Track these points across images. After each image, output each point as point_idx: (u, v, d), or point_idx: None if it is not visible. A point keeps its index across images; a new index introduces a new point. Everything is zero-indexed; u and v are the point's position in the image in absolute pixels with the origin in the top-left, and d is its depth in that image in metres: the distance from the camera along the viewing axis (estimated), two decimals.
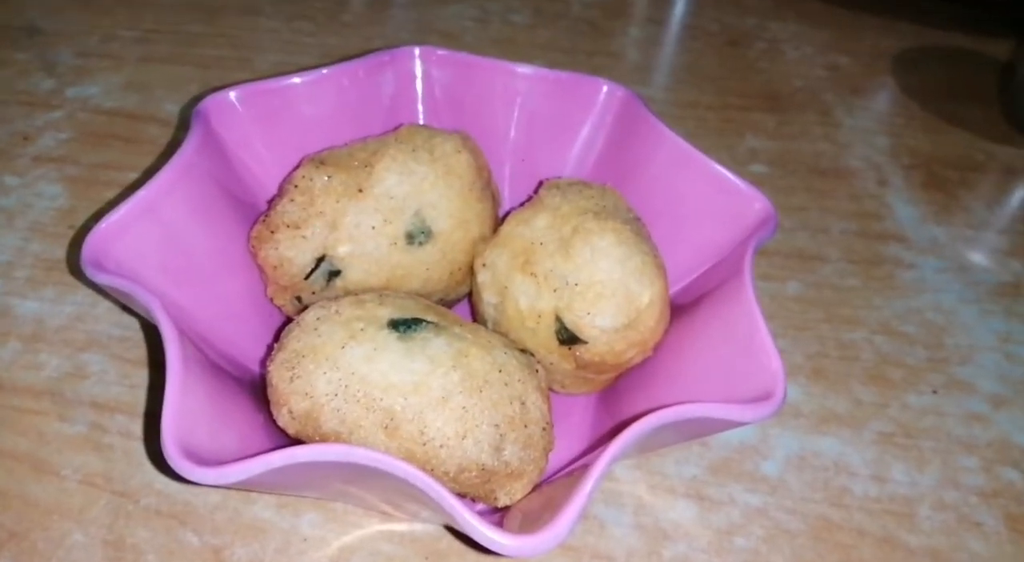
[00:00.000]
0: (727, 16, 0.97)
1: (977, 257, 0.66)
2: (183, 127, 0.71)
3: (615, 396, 0.47)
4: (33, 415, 0.48)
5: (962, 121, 0.82)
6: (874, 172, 0.74)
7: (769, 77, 0.86)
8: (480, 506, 0.41)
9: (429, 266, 0.47)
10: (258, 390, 0.43)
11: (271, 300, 0.47)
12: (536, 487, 0.40)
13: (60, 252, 0.59)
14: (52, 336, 0.53)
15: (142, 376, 0.51)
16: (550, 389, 0.45)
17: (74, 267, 0.57)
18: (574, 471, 0.40)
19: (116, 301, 0.52)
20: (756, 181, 0.69)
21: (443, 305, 0.51)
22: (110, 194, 0.64)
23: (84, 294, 0.56)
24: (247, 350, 0.46)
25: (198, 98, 0.74)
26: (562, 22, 0.93)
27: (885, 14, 1.00)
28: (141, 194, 0.41)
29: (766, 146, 0.76)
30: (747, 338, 0.38)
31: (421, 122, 0.55)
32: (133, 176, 0.66)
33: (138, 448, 0.47)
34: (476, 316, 0.50)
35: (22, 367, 0.51)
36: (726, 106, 0.81)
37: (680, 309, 0.46)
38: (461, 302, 0.53)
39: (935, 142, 0.79)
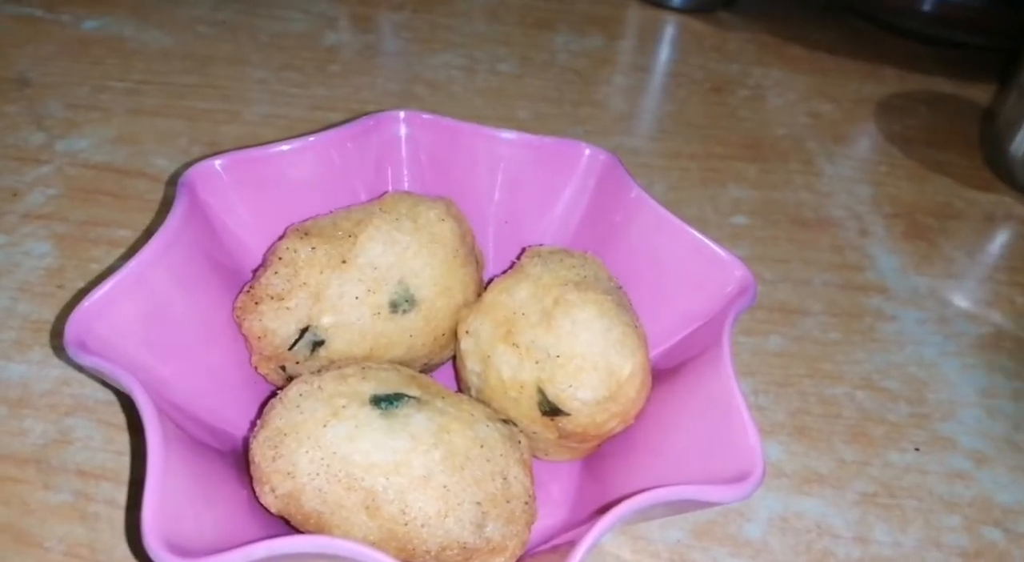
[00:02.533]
0: (711, 62, 0.98)
1: (958, 308, 0.66)
2: (171, 183, 0.72)
3: (598, 462, 0.48)
4: (16, 484, 0.48)
5: (944, 168, 0.83)
6: (856, 222, 0.75)
7: (752, 125, 0.87)
8: None
9: (413, 334, 0.47)
10: (242, 462, 0.43)
11: (255, 369, 0.47)
12: (519, 561, 0.41)
13: (48, 313, 0.59)
14: (38, 401, 0.53)
15: (127, 441, 0.51)
16: (533, 456, 0.46)
17: (58, 333, 0.57)
18: (558, 546, 0.40)
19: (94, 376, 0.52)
20: (738, 233, 0.71)
21: (427, 369, 0.51)
22: (98, 252, 0.64)
23: (65, 356, 0.56)
24: (232, 419, 0.46)
25: (187, 152, 0.75)
26: (549, 71, 0.94)
27: (868, 59, 1.01)
28: (126, 269, 0.41)
29: (748, 196, 0.76)
30: (725, 414, 0.38)
31: (406, 185, 0.56)
32: (122, 233, 0.66)
33: (122, 517, 0.47)
34: (460, 382, 0.50)
35: (7, 433, 0.51)
36: (709, 155, 0.81)
37: (661, 375, 0.47)
38: (445, 365, 0.53)
39: (917, 190, 0.80)
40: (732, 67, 0.98)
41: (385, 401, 0.40)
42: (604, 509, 0.34)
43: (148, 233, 0.66)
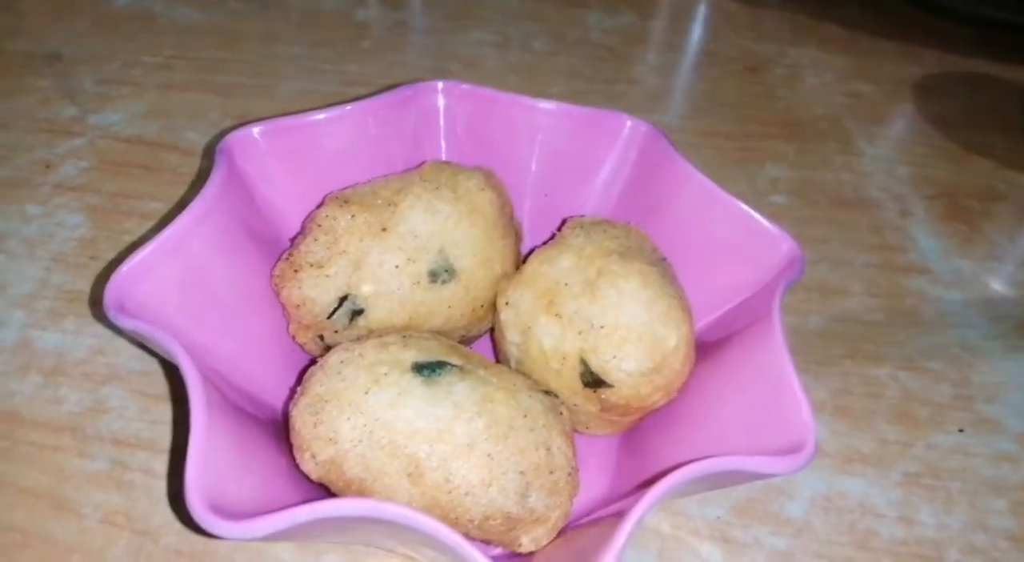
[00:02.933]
0: (745, 41, 0.97)
1: (1001, 290, 0.65)
2: (205, 156, 0.71)
3: (639, 437, 0.47)
4: (53, 451, 0.48)
5: (984, 150, 0.81)
6: (896, 203, 0.73)
7: (789, 104, 0.86)
8: (499, 550, 0.41)
9: (452, 304, 0.47)
10: (280, 431, 0.43)
11: (293, 338, 0.47)
12: (560, 532, 0.40)
13: (81, 283, 0.59)
14: (72, 370, 0.53)
15: (162, 411, 0.51)
16: (573, 430, 0.45)
17: (95, 301, 0.57)
18: (600, 519, 0.40)
19: (134, 339, 0.52)
20: (777, 212, 0.70)
21: (464, 341, 0.51)
22: (131, 224, 0.64)
23: (105, 326, 0.56)
24: (269, 388, 0.45)
25: (219, 126, 0.74)
26: (582, 48, 0.93)
27: (905, 40, 0.99)
28: (166, 234, 0.41)
29: (786, 176, 0.75)
30: (776, 386, 0.38)
31: (443, 156, 0.55)
32: (154, 206, 0.66)
33: (158, 486, 0.47)
34: (498, 353, 0.49)
35: (43, 401, 0.51)
36: (746, 135, 0.80)
37: (705, 348, 0.46)
38: (482, 337, 0.52)
39: (957, 172, 0.78)
40: (767, 46, 0.96)
41: (427, 369, 0.39)
42: (649, 482, 0.34)
43: (181, 205, 0.65)
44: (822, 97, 0.88)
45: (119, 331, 0.54)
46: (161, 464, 0.48)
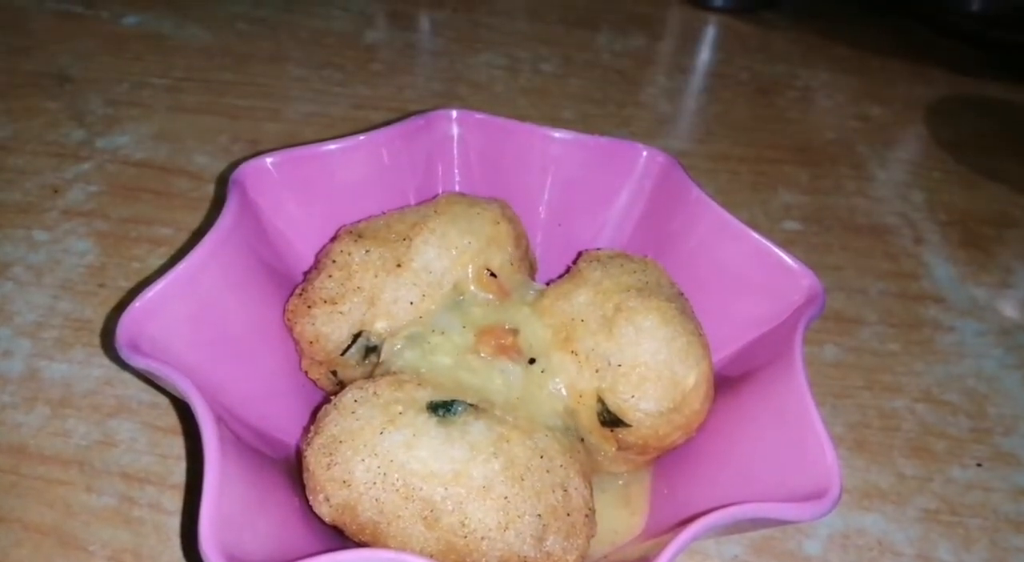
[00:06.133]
0: (756, 63, 0.97)
1: (1016, 318, 0.64)
2: (213, 182, 0.71)
3: (657, 475, 0.46)
4: (60, 486, 0.48)
5: (998, 175, 0.81)
6: (910, 229, 0.73)
7: (801, 127, 0.85)
8: None
9: None
10: (292, 469, 0.42)
11: (305, 373, 0.46)
12: None
13: (90, 312, 0.58)
14: (80, 401, 0.52)
15: (172, 445, 0.50)
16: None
17: (106, 332, 0.57)
18: None
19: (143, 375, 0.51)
20: (791, 239, 0.69)
21: None
22: (140, 250, 0.63)
23: (113, 358, 0.55)
24: (280, 425, 0.45)
25: (228, 150, 0.74)
26: (591, 71, 0.92)
27: (916, 61, 0.99)
28: (179, 269, 0.40)
29: (800, 201, 0.75)
30: (799, 428, 0.37)
31: (456, 185, 0.54)
32: (163, 231, 0.65)
33: (167, 522, 0.46)
34: None
35: (50, 434, 0.50)
36: (758, 159, 0.80)
37: (723, 383, 0.45)
38: None
39: (970, 197, 0.78)
40: (778, 68, 0.96)
41: (442, 408, 0.39)
42: (674, 526, 0.33)
43: (191, 232, 0.65)
44: (834, 120, 0.87)
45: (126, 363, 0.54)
46: (170, 500, 0.47)
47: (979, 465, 0.53)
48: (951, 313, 0.64)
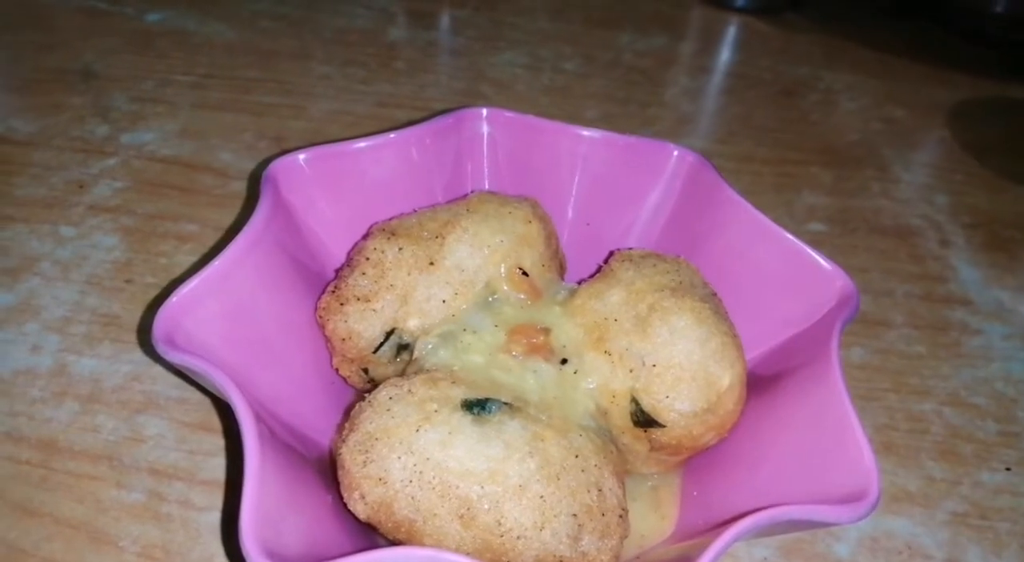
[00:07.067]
0: (779, 65, 0.96)
1: None
2: (238, 179, 0.71)
3: (690, 476, 0.46)
4: (90, 480, 0.48)
5: (1020, 177, 0.80)
6: (935, 231, 0.72)
7: (824, 129, 0.85)
8: None
9: None
10: (324, 467, 0.42)
11: (336, 371, 0.46)
12: None
13: (117, 307, 0.58)
14: (109, 397, 0.52)
15: (200, 441, 0.50)
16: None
17: (141, 328, 0.57)
18: None
19: (174, 368, 0.51)
20: (816, 240, 0.69)
21: None
22: (166, 246, 0.63)
23: (141, 352, 0.55)
24: (312, 422, 0.45)
25: (253, 147, 0.74)
26: (614, 70, 0.92)
27: (938, 63, 0.99)
28: (214, 265, 0.40)
29: (824, 203, 0.74)
30: (836, 430, 0.37)
31: (486, 183, 0.54)
32: (189, 228, 0.65)
33: (196, 518, 0.46)
34: None
35: (79, 429, 0.50)
36: (782, 160, 0.79)
37: (756, 383, 0.45)
38: None
39: (995, 200, 0.77)
40: (801, 70, 0.96)
41: (477, 406, 0.39)
42: (709, 528, 0.33)
43: (216, 228, 0.65)
44: (857, 122, 0.87)
45: (156, 358, 0.54)
46: (199, 496, 0.47)
47: (1008, 469, 0.53)
48: (977, 316, 0.64)
